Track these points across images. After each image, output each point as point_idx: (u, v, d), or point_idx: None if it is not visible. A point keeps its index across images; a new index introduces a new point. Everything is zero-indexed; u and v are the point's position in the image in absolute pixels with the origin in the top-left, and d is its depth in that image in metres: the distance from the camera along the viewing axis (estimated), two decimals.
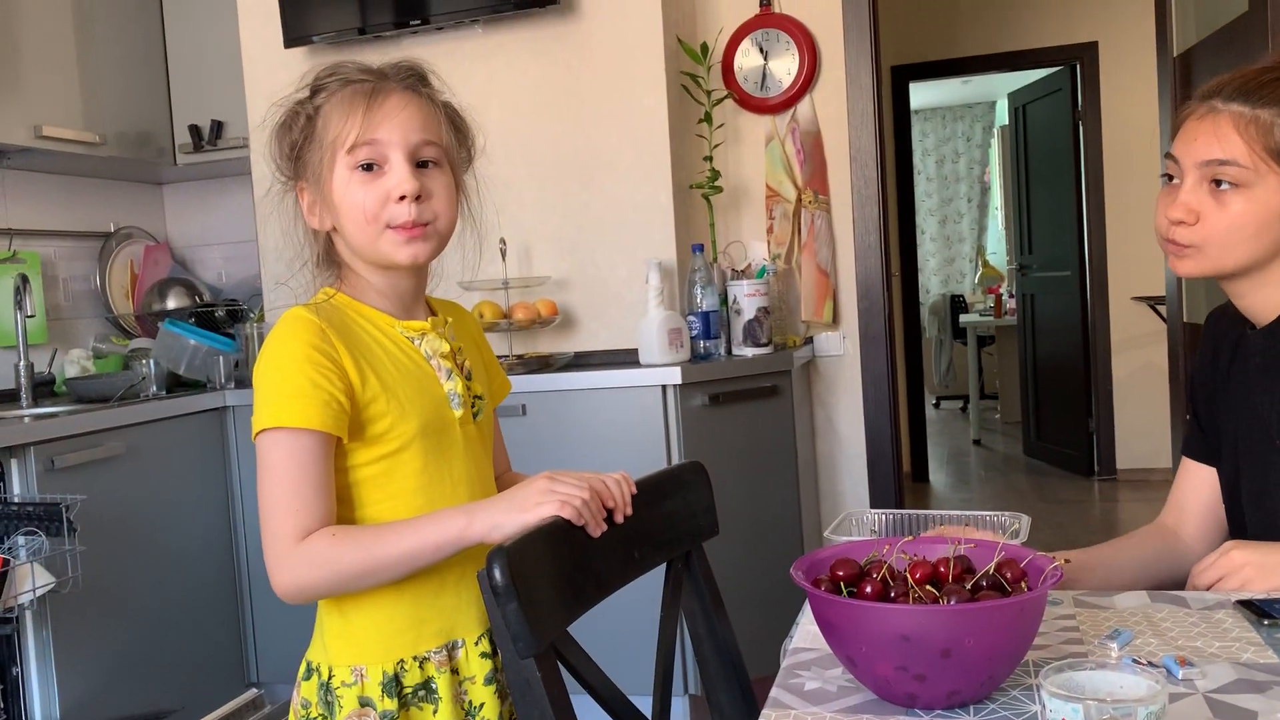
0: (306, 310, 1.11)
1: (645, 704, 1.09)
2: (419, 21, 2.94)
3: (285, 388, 1.06)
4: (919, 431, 5.82)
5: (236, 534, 2.96)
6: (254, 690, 2.27)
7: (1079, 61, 5.51)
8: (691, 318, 2.82)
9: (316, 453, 1.06)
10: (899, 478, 3.17)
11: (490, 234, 1.23)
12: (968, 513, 1.29)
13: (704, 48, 3.00)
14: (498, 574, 0.90)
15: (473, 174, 1.23)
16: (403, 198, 1.11)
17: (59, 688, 2.36)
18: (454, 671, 1.15)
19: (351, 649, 1.13)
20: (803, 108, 3.12)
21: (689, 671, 2.65)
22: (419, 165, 1.13)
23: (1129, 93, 5.40)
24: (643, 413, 2.64)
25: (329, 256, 1.18)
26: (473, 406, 1.20)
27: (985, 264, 8.90)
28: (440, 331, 1.20)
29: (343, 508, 1.11)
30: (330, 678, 1.14)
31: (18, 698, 2.35)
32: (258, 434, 1.08)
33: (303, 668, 1.18)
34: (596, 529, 1.05)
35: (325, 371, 1.07)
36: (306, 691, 1.16)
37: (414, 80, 1.16)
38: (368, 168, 1.11)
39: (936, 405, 8.44)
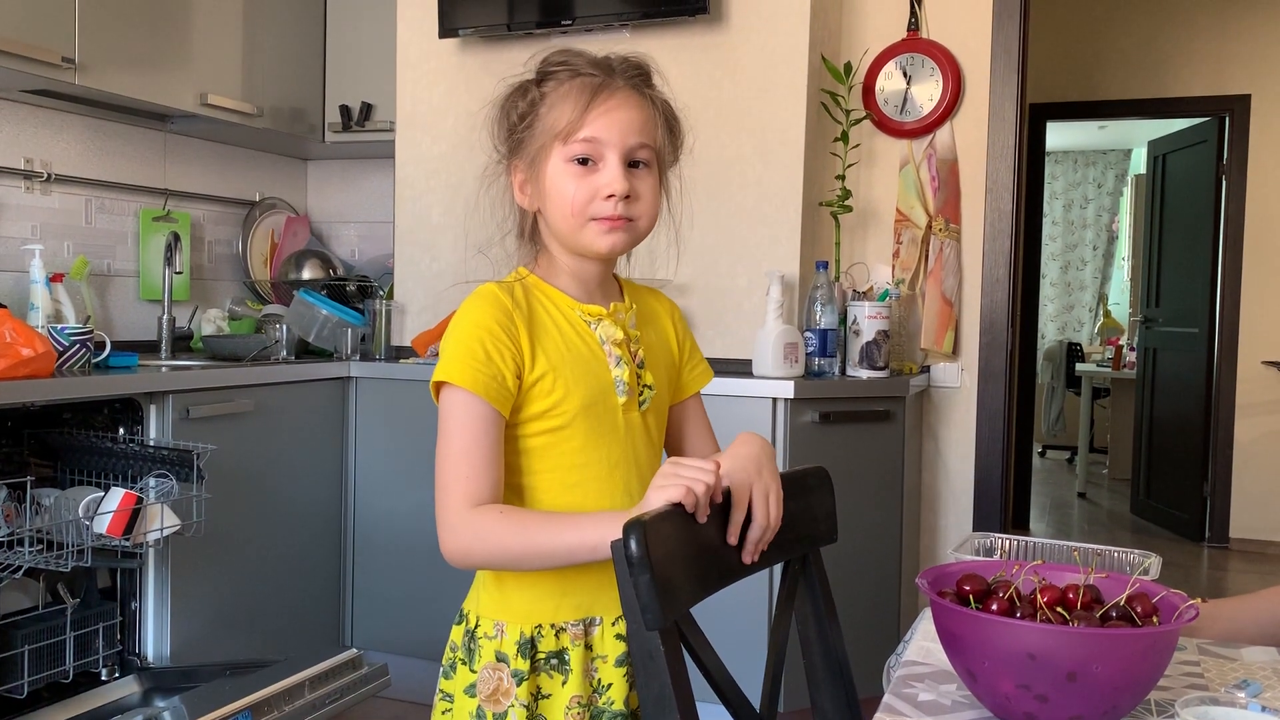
0: (499, 289, 1.18)
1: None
2: (568, 21, 3.01)
3: (462, 350, 1.13)
4: (1023, 478, 5.68)
5: (346, 501, 3.05)
6: (353, 650, 2.34)
7: (1228, 114, 5.33)
8: (809, 334, 2.81)
9: (488, 423, 1.12)
10: (1005, 519, 3.11)
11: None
12: (1099, 546, 1.27)
13: (848, 67, 3.00)
14: (633, 545, 0.92)
15: (676, 173, 1.26)
16: (611, 195, 1.15)
17: (172, 626, 2.48)
18: (588, 648, 1.18)
19: (497, 605, 1.19)
20: (941, 135, 3.09)
21: (782, 688, 2.63)
22: (630, 165, 1.17)
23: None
24: (751, 424, 2.64)
25: (531, 234, 1.24)
26: (640, 395, 1.23)
27: (1107, 314, 8.64)
28: (618, 319, 1.23)
29: (510, 474, 1.17)
30: (476, 627, 1.20)
31: (133, 632, 2.48)
32: (437, 388, 1.14)
33: (458, 613, 1.24)
34: (703, 516, 1.05)
35: (501, 348, 1.13)
36: (455, 635, 1.23)
37: (639, 80, 1.20)
38: (582, 161, 1.15)
39: (1042, 454, 8.22)
